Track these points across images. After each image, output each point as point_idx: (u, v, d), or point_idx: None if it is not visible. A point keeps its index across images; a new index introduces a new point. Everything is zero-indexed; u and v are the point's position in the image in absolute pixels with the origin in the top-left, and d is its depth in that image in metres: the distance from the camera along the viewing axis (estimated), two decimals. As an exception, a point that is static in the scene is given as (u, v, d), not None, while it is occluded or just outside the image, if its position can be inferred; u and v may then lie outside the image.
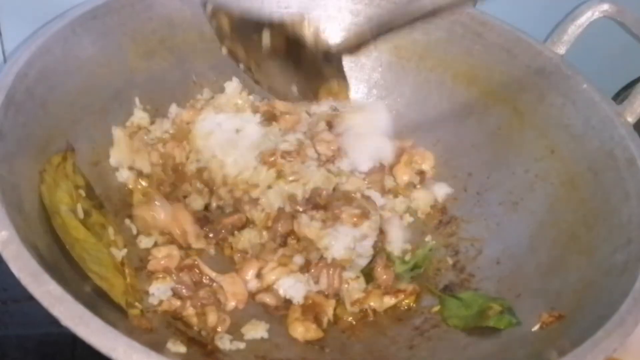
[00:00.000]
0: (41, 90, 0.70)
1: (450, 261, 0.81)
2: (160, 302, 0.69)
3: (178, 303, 0.69)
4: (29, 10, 0.84)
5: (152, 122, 0.83)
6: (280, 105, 0.88)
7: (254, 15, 0.80)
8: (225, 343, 0.67)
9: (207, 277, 0.72)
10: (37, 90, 0.69)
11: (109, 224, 0.71)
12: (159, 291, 0.69)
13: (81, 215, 0.68)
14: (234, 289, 0.72)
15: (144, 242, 0.74)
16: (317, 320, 0.71)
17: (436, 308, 0.75)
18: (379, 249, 0.78)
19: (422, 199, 0.85)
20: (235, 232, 0.77)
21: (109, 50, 0.79)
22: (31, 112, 0.68)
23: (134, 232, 0.75)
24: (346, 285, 0.74)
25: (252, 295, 0.73)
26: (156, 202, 0.74)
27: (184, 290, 0.70)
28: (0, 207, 0.56)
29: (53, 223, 0.63)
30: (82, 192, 0.71)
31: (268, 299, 0.72)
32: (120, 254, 0.69)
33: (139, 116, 0.82)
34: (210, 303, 0.69)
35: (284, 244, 0.76)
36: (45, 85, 0.70)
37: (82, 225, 0.67)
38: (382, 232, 0.79)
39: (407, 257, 0.79)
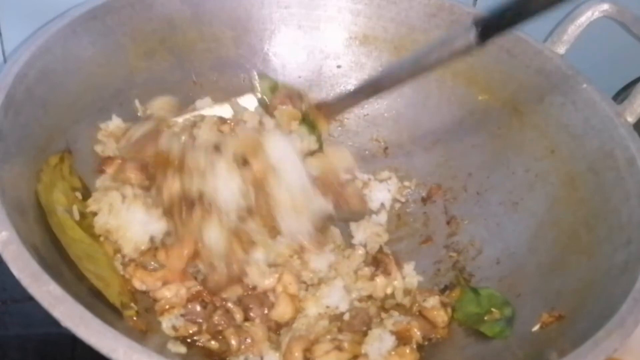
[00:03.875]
0: (41, 90, 0.70)
1: (450, 261, 0.81)
2: (176, 329, 0.67)
3: (195, 328, 0.67)
4: (29, 10, 0.84)
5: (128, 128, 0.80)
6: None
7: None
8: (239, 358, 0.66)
9: (219, 299, 0.70)
10: (37, 90, 0.69)
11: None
12: (172, 322, 0.67)
13: (77, 216, 0.68)
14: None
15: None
16: None
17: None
18: None
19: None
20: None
21: (109, 50, 0.79)
22: (31, 112, 0.68)
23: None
24: None
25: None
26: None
27: (196, 317, 0.68)
28: (0, 207, 0.56)
29: (50, 222, 0.63)
30: (79, 195, 0.71)
31: None
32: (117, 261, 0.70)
33: (116, 124, 0.80)
34: (227, 326, 0.67)
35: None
36: (45, 85, 0.70)
37: (78, 226, 0.67)
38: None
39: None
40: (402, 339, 0.69)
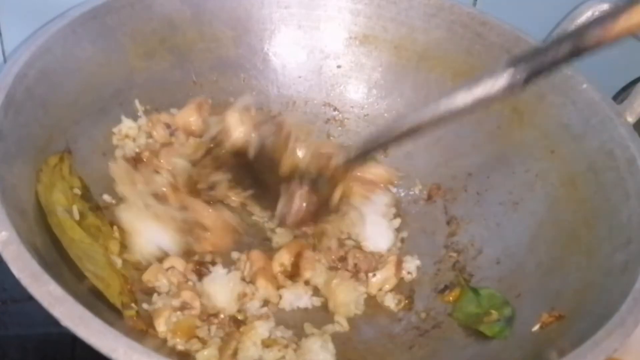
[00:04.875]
0: (41, 90, 0.70)
1: (450, 261, 0.81)
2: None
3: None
4: (29, 10, 0.84)
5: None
6: None
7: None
8: None
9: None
10: (37, 90, 0.69)
11: (105, 226, 0.72)
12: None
13: (77, 216, 0.68)
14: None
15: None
16: None
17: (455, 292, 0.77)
18: None
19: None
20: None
21: (109, 50, 0.79)
22: (31, 112, 0.68)
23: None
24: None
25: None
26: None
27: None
28: (0, 207, 0.56)
29: (49, 222, 0.63)
30: (78, 193, 0.71)
31: None
32: (117, 261, 0.69)
33: (128, 125, 0.81)
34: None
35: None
36: (45, 85, 0.70)
37: (78, 226, 0.67)
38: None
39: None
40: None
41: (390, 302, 0.76)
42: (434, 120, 0.64)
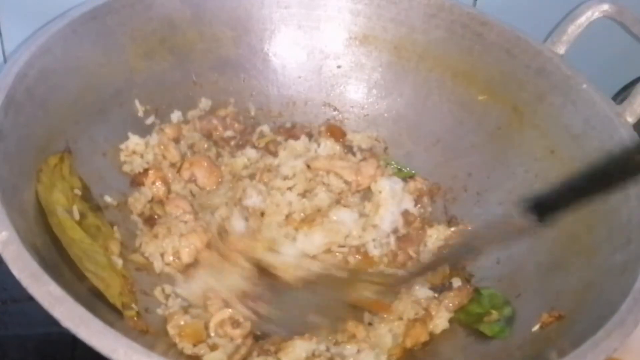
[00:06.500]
0: (41, 90, 0.70)
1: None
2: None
3: None
4: (29, 10, 0.84)
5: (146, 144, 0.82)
6: None
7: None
8: None
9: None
10: (37, 90, 0.69)
11: (105, 226, 0.72)
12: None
13: (77, 216, 0.68)
14: None
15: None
16: None
17: None
18: None
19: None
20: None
21: (109, 50, 0.79)
22: (31, 112, 0.68)
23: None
24: None
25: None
26: None
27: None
28: (0, 207, 0.56)
29: (49, 222, 0.63)
30: (79, 193, 0.71)
31: None
32: (117, 261, 0.69)
33: (135, 141, 0.81)
34: None
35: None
36: (45, 85, 0.70)
37: (78, 226, 0.67)
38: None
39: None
40: None
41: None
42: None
